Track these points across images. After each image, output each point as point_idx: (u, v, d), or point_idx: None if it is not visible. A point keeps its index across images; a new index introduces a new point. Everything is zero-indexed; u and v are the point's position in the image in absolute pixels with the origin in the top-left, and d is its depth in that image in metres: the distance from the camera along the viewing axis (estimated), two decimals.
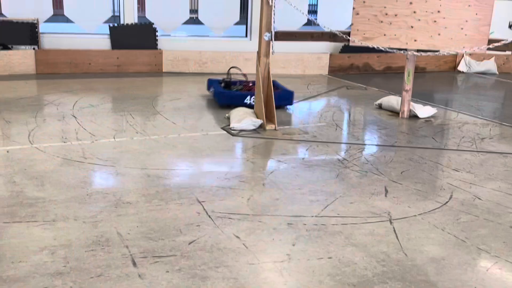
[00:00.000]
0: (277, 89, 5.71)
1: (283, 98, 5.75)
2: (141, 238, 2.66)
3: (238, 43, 8.74)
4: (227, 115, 5.32)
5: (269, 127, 4.91)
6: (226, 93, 5.82)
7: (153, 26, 8.21)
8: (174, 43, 8.45)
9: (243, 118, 4.92)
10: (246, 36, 8.81)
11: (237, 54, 8.43)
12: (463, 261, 2.55)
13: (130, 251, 2.52)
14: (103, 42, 8.13)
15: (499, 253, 2.64)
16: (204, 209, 3.04)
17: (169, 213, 2.97)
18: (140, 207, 3.03)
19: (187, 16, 8.55)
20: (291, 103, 5.81)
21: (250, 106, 5.42)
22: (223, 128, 4.89)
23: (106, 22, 8.27)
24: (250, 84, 6.00)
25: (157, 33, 8.25)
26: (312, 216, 3.00)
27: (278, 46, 5.08)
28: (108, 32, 8.11)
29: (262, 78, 4.99)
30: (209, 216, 2.95)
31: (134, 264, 2.41)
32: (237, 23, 8.85)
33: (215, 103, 5.94)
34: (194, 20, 9.73)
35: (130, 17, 8.16)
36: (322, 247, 2.64)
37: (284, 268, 2.42)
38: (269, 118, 4.98)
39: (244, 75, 6.33)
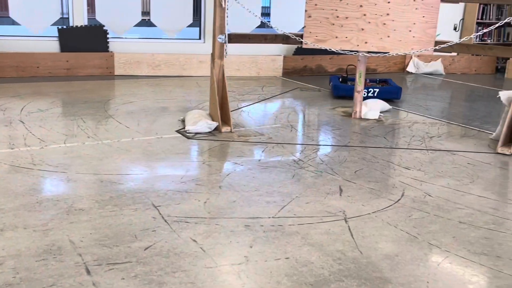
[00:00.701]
0: (388, 85, 6.99)
1: (393, 92, 6.72)
2: (94, 245, 2.59)
3: (192, 45, 8.69)
4: (181, 118, 5.27)
5: (225, 129, 4.90)
6: (341, 86, 6.84)
7: (104, 28, 8.04)
8: (126, 45, 8.30)
9: (198, 120, 4.89)
10: (200, 38, 8.77)
11: (191, 56, 8.37)
12: (416, 256, 2.62)
13: (83, 259, 2.45)
14: (52, 45, 7.89)
15: (449, 247, 2.74)
16: (160, 213, 3.00)
17: (123, 219, 2.90)
18: (93, 214, 2.96)
19: (139, 18, 8.41)
20: (399, 97, 6.76)
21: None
22: (178, 131, 4.84)
23: (54, 24, 8.02)
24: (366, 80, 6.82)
25: (108, 36, 8.08)
26: (269, 217, 3.01)
27: (232, 48, 5.09)
28: (57, 35, 7.87)
29: (217, 81, 4.98)
30: (165, 221, 2.90)
31: (88, 272, 2.34)
32: (190, 25, 8.78)
33: (166, 106, 5.87)
34: (146, 22, 9.59)
35: (79, 19, 7.96)
36: (279, 248, 2.65)
37: (242, 271, 2.42)
38: (225, 121, 4.97)
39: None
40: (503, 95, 4.86)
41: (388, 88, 6.79)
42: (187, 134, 4.75)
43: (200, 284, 2.29)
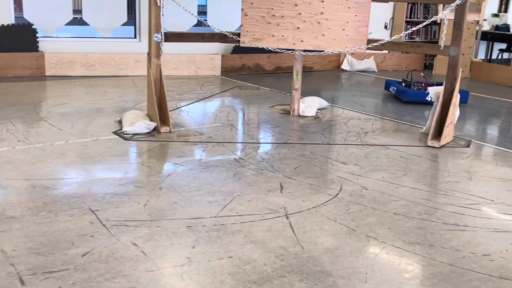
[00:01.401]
0: None
1: (461, 96, 6.13)
2: (28, 254, 2.47)
3: (127, 44, 8.48)
4: (118, 119, 5.14)
5: (164, 129, 4.82)
6: (411, 92, 6.82)
7: (33, 27, 7.69)
8: (57, 45, 7.98)
9: (136, 121, 4.79)
10: (135, 37, 8.58)
11: (126, 55, 8.18)
12: (355, 249, 2.70)
13: (16, 268, 2.33)
14: None
15: (385, 239, 2.84)
16: (98, 218, 2.91)
17: (59, 226, 2.79)
18: (26, 221, 2.82)
19: (70, 16, 8.11)
20: (466, 102, 6.76)
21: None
22: (114, 133, 4.72)
23: None
24: (423, 84, 7.04)
25: (37, 35, 7.73)
26: (211, 217, 3.00)
27: (169, 47, 5.01)
28: None
29: (154, 80, 4.89)
30: (104, 225, 2.82)
31: (22, 282, 2.23)
32: (125, 24, 8.58)
33: (101, 107, 5.70)
34: (78, 21, 9.27)
35: (5, 17, 7.55)
36: (222, 247, 2.65)
37: (185, 272, 2.39)
38: (163, 121, 4.90)
39: (424, 76, 7.33)
40: (432, 90, 5.10)
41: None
42: (125, 136, 4.63)
43: None
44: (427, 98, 5.90)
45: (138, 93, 6.77)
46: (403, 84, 7.14)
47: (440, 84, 6.76)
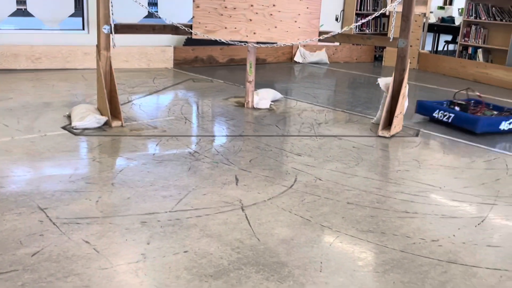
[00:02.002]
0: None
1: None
2: None
3: (75, 36, 8.22)
4: (67, 113, 4.98)
5: (115, 123, 4.71)
6: (485, 120, 5.08)
7: None
8: (1, 37, 7.63)
9: (86, 115, 4.66)
10: (84, 29, 8.32)
11: (74, 48, 7.93)
12: (310, 239, 2.74)
13: None
14: None
15: (339, 228, 2.89)
16: (48, 216, 2.82)
17: (6, 225, 2.68)
18: None
19: (14, 7, 7.77)
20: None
21: (507, 131, 5.12)
22: (64, 128, 4.57)
23: None
24: (505, 110, 5.48)
25: None
26: (166, 212, 2.96)
27: (119, 39, 4.89)
28: None
29: (104, 73, 4.77)
30: (54, 224, 2.73)
31: None
32: (72, 15, 8.30)
33: (49, 101, 5.51)
34: (23, 12, 8.89)
35: None
36: (177, 242, 2.62)
37: (140, 268, 2.35)
38: (115, 115, 4.79)
39: (479, 95, 5.75)
40: (382, 81, 5.23)
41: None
42: (74, 131, 4.50)
43: (95, 286, 2.19)
44: (502, 127, 5.11)
45: (88, 86, 6.58)
46: (458, 109, 5.51)
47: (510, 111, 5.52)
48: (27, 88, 6.27)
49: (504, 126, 5.13)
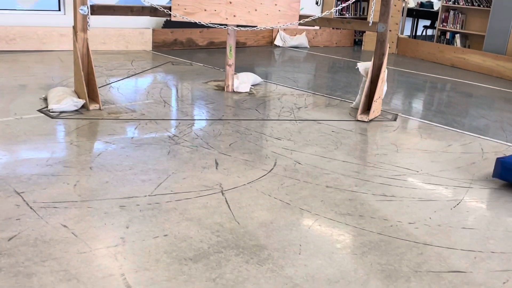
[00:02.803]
0: None
1: None
2: None
3: (51, 17, 8.03)
4: (43, 96, 4.89)
5: (93, 107, 4.65)
6: None
7: None
8: None
9: (62, 98, 4.58)
10: (60, 9, 8.13)
11: (50, 29, 7.75)
12: (289, 222, 2.76)
13: None
14: None
15: (318, 211, 2.92)
16: (24, 200, 2.78)
17: None
18: None
19: None
20: None
21: None
22: (40, 111, 4.49)
23: None
24: None
25: None
26: (145, 196, 2.95)
27: (96, 21, 4.80)
28: None
29: (81, 55, 4.68)
30: (31, 208, 2.70)
31: None
32: None
33: (24, 83, 5.39)
34: None
35: None
36: (157, 225, 2.62)
37: (119, 252, 2.35)
38: (92, 98, 4.72)
39: None
40: (361, 66, 5.25)
41: None
42: (51, 114, 4.42)
43: (74, 271, 2.18)
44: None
45: (64, 69, 6.46)
46: None
47: None
48: (1, 70, 6.13)
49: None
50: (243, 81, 5.93)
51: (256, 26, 5.29)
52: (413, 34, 12.13)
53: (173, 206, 2.84)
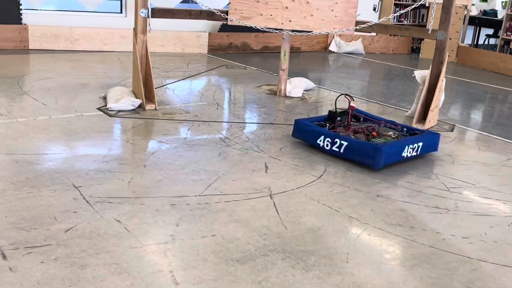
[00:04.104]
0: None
1: (430, 143, 3.98)
2: (10, 228, 2.45)
3: (113, 19, 8.34)
4: (103, 95, 5.08)
5: (149, 107, 4.78)
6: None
7: None
8: (42, 17, 7.81)
9: (121, 97, 4.74)
10: (121, 12, 8.43)
11: (112, 30, 8.05)
12: (337, 229, 2.73)
13: None
14: None
15: (368, 220, 2.87)
16: (81, 194, 2.90)
17: (42, 201, 2.77)
18: (8, 196, 2.80)
19: None
20: (436, 148, 4.07)
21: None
22: (99, 109, 4.66)
23: None
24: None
25: (21, 7, 7.55)
26: (196, 196, 3.00)
27: (156, 23, 4.94)
28: None
29: (140, 56, 4.83)
30: (87, 202, 2.81)
31: (4, 257, 2.22)
32: None
33: (86, 82, 5.62)
34: None
35: None
36: (206, 225, 2.66)
37: (168, 249, 2.40)
38: (149, 98, 4.85)
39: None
40: (418, 74, 5.12)
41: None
42: (109, 112, 4.59)
43: (125, 264, 2.25)
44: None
45: (123, 69, 6.68)
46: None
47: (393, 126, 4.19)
48: (65, 68, 6.42)
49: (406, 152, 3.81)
50: (296, 86, 5.93)
51: (312, 31, 5.28)
52: (475, 43, 11.71)
53: (222, 207, 2.88)
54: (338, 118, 4.17)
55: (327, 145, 3.83)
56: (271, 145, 4.04)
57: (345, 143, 3.72)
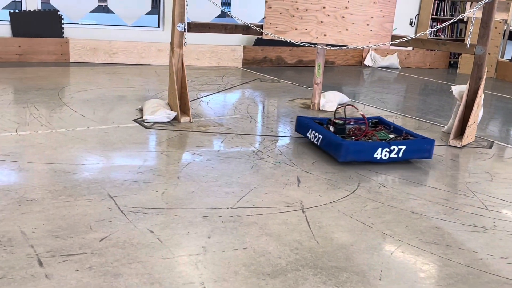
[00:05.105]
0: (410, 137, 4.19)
1: (419, 149, 4.03)
2: (47, 236, 2.52)
3: (151, 33, 8.54)
4: (139, 107, 5.19)
5: (184, 119, 4.85)
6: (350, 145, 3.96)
7: (59, 13, 7.78)
8: (82, 31, 8.07)
9: (156, 110, 4.82)
10: (159, 26, 8.62)
11: (149, 44, 8.23)
12: (370, 246, 2.69)
13: (35, 250, 2.38)
14: (3, 29, 7.58)
15: (402, 237, 2.82)
16: (116, 204, 2.95)
17: (78, 210, 2.84)
18: (46, 204, 2.87)
19: (95, 3, 8.20)
20: (430, 156, 4.08)
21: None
22: (135, 121, 4.76)
23: (5, 8, 7.70)
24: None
25: (63, 21, 7.83)
26: (228, 208, 3.01)
27: (192, 37, 5.03)
28: (9, 19, 7.56)
29: (176, 70, 4.92)
30: (122, 211, 2.86)
31: (41, 264, 2.28)
32: (149, 13, 8.63)
33: (123, 94, 5.75)
34: (103, 9, 9.35)
35: (32, 3, 7.67)
36: (237, 238, 2.66)
37: (200, 261, 2.41)
38: (184, 110, 4.93)
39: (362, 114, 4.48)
40: (456, 89, 5.02)
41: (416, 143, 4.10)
42: (145, 124, 4.67)
43: (157, 275, 2.27)
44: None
45: (160, 82, 6.81)
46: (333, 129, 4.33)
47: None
48: (103, 81, 6.59)
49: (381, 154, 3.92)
50: (330, 100, 5.90)
51: (346, 46, 5.26)
52: None
53: (253, 220, 2.88)
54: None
55: (312, 138, 4.29)
56: (304, 159, 4.03)
57: (321, 137, 4.15)
